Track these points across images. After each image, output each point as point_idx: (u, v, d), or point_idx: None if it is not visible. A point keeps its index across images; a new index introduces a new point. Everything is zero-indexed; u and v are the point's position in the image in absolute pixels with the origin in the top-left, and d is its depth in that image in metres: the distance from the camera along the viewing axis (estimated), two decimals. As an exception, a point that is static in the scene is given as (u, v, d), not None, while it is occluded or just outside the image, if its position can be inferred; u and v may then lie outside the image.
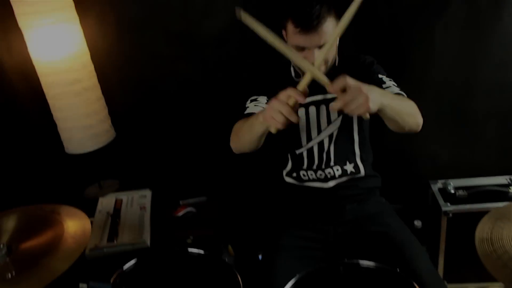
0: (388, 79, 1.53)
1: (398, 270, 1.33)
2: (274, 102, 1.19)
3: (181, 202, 1.99)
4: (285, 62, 1.56)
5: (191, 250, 1.52)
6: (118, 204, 1.98)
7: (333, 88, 1.17)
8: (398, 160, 2.22)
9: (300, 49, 1.40)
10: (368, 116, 1.18)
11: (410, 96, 1.47)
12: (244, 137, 1.43)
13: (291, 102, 1.18)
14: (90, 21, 1.96)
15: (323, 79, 1.19)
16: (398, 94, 1.45)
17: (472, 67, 2.02)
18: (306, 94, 1.21)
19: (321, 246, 1.60)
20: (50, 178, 2.12)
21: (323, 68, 1.45)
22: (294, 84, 1.25)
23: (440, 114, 2.13)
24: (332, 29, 1.36)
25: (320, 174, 1.62)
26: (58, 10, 1.82)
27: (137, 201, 1.99)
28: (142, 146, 2.20)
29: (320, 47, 1.37)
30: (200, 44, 2.03)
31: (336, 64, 1.56)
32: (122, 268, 1.40)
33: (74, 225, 1.31)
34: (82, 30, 1.93)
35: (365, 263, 1.36)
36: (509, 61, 1.99)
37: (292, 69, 1.61)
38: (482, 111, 2.10)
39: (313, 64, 1.24)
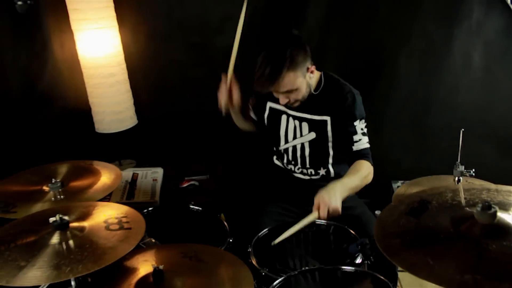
0: (360, 127, 1.84)
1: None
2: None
3: (185, 178, 2.44)
4: None
5: (192, 206, 1.98)
6: (135, 176, 2.43)
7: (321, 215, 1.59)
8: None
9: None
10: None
11: (379, 110, 1.94)
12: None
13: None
14: (126, 30, 2.47)
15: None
16: (363, 149, 1.84)
17: (429, 89, 2.51)
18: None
19: (296, 216, 1.91)
20: (79, 152, 2.58)
21: (296, 104, 1.83)
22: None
23: (402, 127, 2.60)
24: (288, 83, 1.74)
25: (298, 168, 2.04)
26: (103, 19, 2.34)
27: (151, 175, 2.44)
28: (157, 132, 2.67)
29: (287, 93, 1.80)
30: (212, 54, 2.53)
31: (320, 89, 1.89)
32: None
33: (107, 171, 1.78)
34: (120, 36, 2.44)
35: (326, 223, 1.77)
36: (458, 85, 2.47)
37: None
38: (437, 125, 2.56)
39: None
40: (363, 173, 1.79)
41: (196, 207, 1.99)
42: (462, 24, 2.34)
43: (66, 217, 1.25)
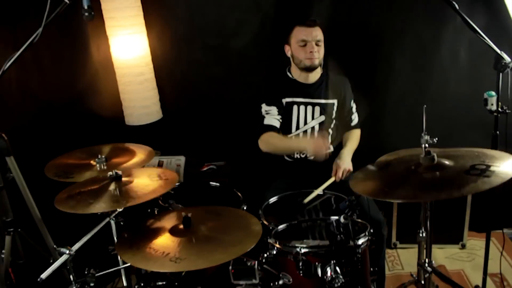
0: (354, 106, 2.44)
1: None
2: (319, 144, 2.14)
3: (205, 163, 2.78)
4: (283, 69, 2.38)
5: (211, 183, 2.31)
6: (160, 163, 2.77)
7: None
8: (367, 149, 2.97)
9: (303, 44, 2.22)
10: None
11: (378, 103, 2.58)
12: (279, 149, 2.34)
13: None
14: (153, 35, 2.83)
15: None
16: (357, 123, 2.46)
17: (421, 83, 2.81)
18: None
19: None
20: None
21: (318, 56, 2.25)
22: (292, 83, 2.23)
23: (399, 118, 2.90)
24: (320, 34, 2.22)
25: (303, 154, 2.38)
26: (134, 26, 2.69)
27: (175, 162, 2.78)
28: (180, 125, 3.02)
29: (316, 43, 2.21)
30: (228, 55, 2.88)
31: (324, 78, 2.37)
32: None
33: (141, 150, 2.14)
34: (148, 40, 2.80)
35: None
36: (448, 79, 2.77)
37: (288, 73, 2.40)
38: (430, 115, 2.84)
39: None
40: (357, 138, 2.48)
41: (215, 183, 2.32)
42: (449, 24, 2.65)
43: (119, 172, 1.61)
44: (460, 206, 2.79)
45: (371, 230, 1.63)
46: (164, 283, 2.12)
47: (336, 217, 1.54)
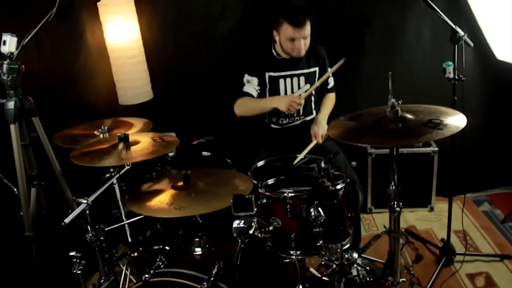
0: (331, 73, 2.57)
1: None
2: (292, 101, 2.30)
3: (195, 138, 2.99)
4: (268, 45, 2.61)
5: (203, 152, 2.54)
6: (153, 138, 2.98)
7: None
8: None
9: (292, 40, 2.40)
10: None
11: (352, 80, 2.93)
12: (254, 111, 2.53)
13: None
14: (144, 20, 3.02)
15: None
16: (332, 86, 2.71)
17: (390, 62, 3.09)
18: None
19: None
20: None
21: (305, 48, 2.43)
22: (276, 61, 2.42)
23: (371, 94, 3.18)
24: (309, 28, 2.39)
25: (291, 119, 2.63)
26: (126, 12, 2.88)
27: (166, 138, 2.99)
28: (170, 104, 3.23)
29: (304, 38, 2.40)
30: (215, 38, 3.11)
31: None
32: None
33: (138, 122, 2.36)
34: (139, 25, 2.99)
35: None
36: (414, 58, 3.07)
37: (273, 50, 2.61)
38: (400, 91, 3.14)
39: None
40: (333, 102, 2.73)
41: (206, 153, 2.56)
42: (413, 7, 2.94)
43: (127, 132, 1.84)
44: (428, 173, 3.09)
45: (348, 180, 1.88)
46: (160, 246, 2.36)
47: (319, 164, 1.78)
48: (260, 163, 2.33)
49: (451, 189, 2.55)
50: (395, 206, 1.84)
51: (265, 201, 1.85)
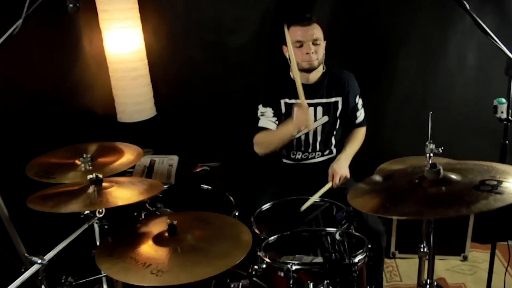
0: (360, 102, 2.27)
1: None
2: (301, 115, 1.92)
3: (198, 164, 2.67)
4: (285, 68, 2.25)
5: (202, 186, 2.21)
6: (152, 162, 2.66)
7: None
8: (368, 156, 2.86)
9: (299, 45, 2.08)
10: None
11: (381, 106, 2.45)
12: (273, 144, 2.17)
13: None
14: (149, 29, 2.72)
15: None
16: (362, 120, 2.31)
17: (426, 87, 2.69)
18: None
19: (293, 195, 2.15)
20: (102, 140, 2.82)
21: (316, 57, 2.10)
22: (293, 85, 1.99)
23: (403, 122, 2.79)
24: (318, 31, 2.08)
25: (305, 155, 2.28)
26: (128, 19, 2.59)
27: (167, 162, 2.67)
28: (174, 123, 2.91)
29: (313, 42, 2.07)
30: (226, 52, 2.77)
31: (326, 76, 2.21)
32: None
33: (129, 150, 2.02)
34: (143, 34, 2.69)
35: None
36: (454, 83, 2.66)
37: (290, 73, 2.26)
38: (435, 121, 2.74)
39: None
40: (361, 139, 2.33)
41: (206, 186, 2.22)
42: (457, 26, 2.53)
43: (100, 175, 1.51)
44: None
45: (369, 246, 1.52)
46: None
47: (332, 229, 1.42)
48: (266, 206, 1.99)
49: (492, 234, 2.12)
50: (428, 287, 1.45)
51: (264, 266, 1.50)
